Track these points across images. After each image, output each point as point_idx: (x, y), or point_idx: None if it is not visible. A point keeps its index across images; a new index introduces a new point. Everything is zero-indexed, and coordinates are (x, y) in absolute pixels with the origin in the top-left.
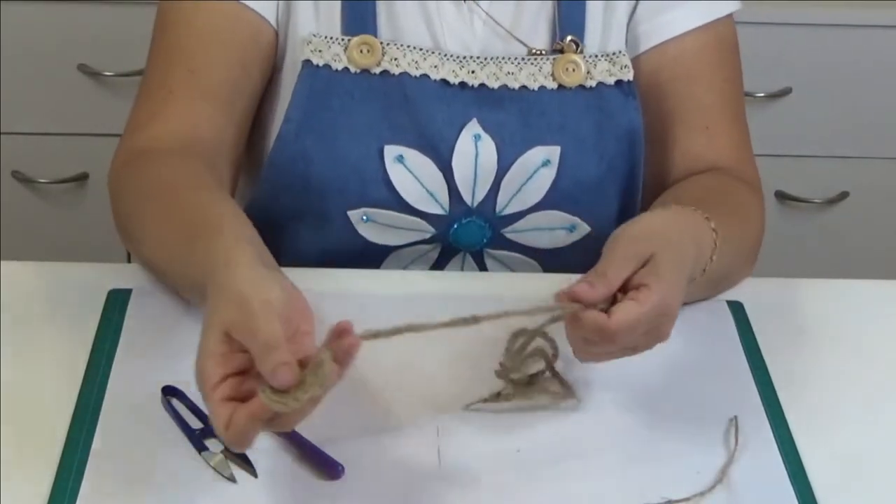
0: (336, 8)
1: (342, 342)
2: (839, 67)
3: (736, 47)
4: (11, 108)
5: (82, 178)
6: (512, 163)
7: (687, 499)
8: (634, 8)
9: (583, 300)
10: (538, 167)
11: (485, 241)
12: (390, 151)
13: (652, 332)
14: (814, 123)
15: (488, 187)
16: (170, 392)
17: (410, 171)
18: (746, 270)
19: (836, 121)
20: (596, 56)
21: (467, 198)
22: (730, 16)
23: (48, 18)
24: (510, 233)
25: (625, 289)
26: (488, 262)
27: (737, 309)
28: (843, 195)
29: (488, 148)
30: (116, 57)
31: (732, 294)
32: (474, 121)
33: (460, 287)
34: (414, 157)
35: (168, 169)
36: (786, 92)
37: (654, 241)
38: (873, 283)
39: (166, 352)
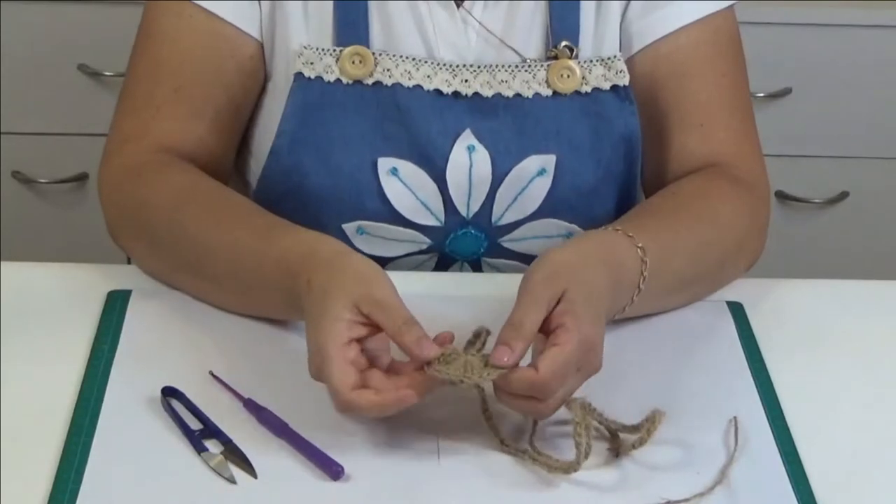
0: (328, 17)
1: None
2: (839, 67)
3: (736, 41)
4: (11, 108)
5: (82, 178)
6: (507, 173)
7: (687, 499)
8: (626, 8)
9: (506, 366)
10: (534, 176)
11: (481, 250)
12: (384, 164)
13: (583, 368)
14: (814, 123)
15: (483, 198)
16: (169, 393)
17: (405, 184)
18: (728, 272)
19: (836, 121)
20: (591, 61)
21: (462, 209)
22: (729, 9)
23: (48, 18)
24: (507, 242)
25: (545, 329)
26: (486, 271)
27: (737, 309)
28: (843, 195)
29: (482, 158)
30: (116, 57)
31: (732, 294)
32: (468, 131)
33: (460, 288)
34: (408, 169)
35: (189, 176)
36: (786, 92)
37: (562, 279)
38: (873, 283)
39: (166, 353)
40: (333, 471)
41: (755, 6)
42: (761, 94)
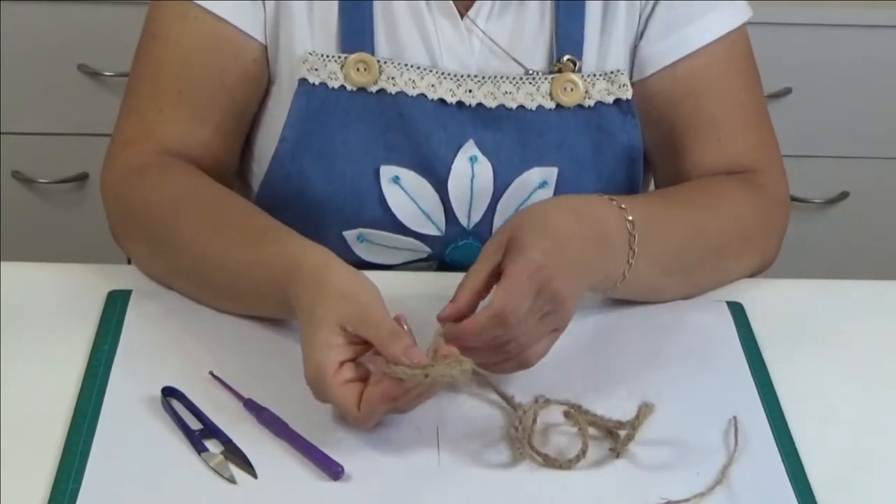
0: (333, 24)
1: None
2: (839, 67)
3: (749, 54)
4: (11, 108)
5: (82, 178)
6: (509, 184)
7: (687, 499)
8: (643, 30)
9: (452, 317)
10: (535, 188)
11: None
12: (386, 172)
13: (549, 314)
14: (814, 123)
15: (484, 209)
16: (169, 393)
17: (406, 192)
18: (728, 262)
19: (836, 121)
20: (594, 75)
21: (463, 220)
22: (741, 25)
23: (48, 18)
24: None
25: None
26: None
27: (737, 309)
28: (843, 195)
29: (485, 170)
30: (116, 57)
31: (732, 294)
32: (471, 142)
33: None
34: (410, 177)
35: (190, 178)
36: (786, 92)
37: (509, 227)
38: (873, 283)
39: (166, 353)
40: (333, 471)
41: (755, 6)
42: None
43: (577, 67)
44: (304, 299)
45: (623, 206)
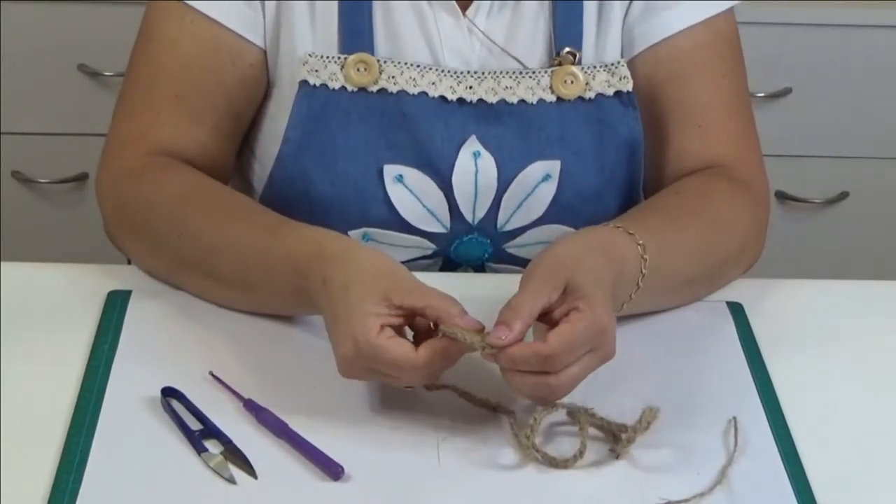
0: (333, 25)
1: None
2: (839, 67)
3: (735, 43)
4: (11, 108)
5: (82, 178)
6: (512, 179)
7: (687, 499)
8: (627, 10)
9: (502, 345)
10: (539, 182)
11: (486, 256)
12: (390, 171)
13: (596, 351)
14: (814, 123)
15: (489, 204)
16: (169, 393)
17: (410, 191)
18: (728, 272)
19: (836, 121)
20: (594, 67)
21: (468, 216)
22: (729, 11)
23: (48, 18)
24: (511, 248)
25: (550, 321)
26: None
27: (736, 310)
28: (843, 195)
29: (488, 165)
30: (116, 57)
31: (732, 295)
32: (473, 137)
33: (465, 288)
34: (414, 176)
35: (192, 175)
36: (786, 92)
37: (565, 269)
38: (873, 283)
39: (166, 353)
40: (333, 471)
41: (755, 6)
42: (761, 94)
43: (577, 59)
44: (336, 280)
45: (640, 242)
